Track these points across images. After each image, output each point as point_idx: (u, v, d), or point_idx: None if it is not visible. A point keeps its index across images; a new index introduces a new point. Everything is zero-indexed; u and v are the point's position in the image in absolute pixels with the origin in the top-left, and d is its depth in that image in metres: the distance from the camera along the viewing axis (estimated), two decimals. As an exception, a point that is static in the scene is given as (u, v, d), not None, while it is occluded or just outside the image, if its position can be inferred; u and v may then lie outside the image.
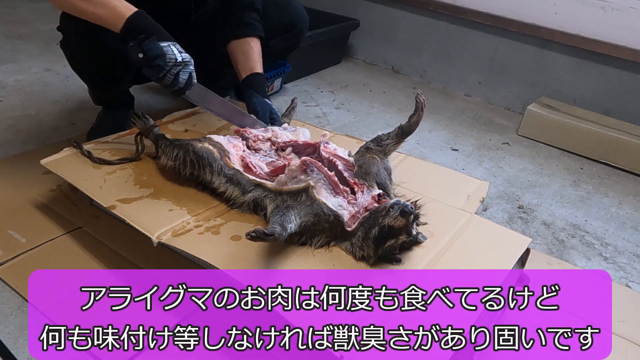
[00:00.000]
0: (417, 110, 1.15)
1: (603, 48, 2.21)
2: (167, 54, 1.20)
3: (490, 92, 2.62)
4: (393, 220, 0.97)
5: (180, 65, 1.22)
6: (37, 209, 1.33)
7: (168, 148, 1.22)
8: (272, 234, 0.90)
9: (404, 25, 2.78)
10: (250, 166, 1.19)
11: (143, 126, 1.32)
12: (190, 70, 1.25)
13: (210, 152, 1.18)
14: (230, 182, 1.16)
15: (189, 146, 1.19)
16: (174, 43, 1.23)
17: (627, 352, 1.10)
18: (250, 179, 1.15)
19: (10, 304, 1.07)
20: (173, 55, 1.20)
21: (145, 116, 1.34)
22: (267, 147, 1.30)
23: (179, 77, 1.23)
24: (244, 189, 1.14)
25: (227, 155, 1.20)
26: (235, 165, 1.18)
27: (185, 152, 1.19)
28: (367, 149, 1.18)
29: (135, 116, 1.33)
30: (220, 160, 1.18)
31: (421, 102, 1.15)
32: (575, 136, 2.13)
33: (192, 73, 1.26)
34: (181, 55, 1.22)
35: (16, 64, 2.29)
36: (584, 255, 1.49)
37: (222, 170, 1.16)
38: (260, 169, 1.20)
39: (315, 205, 1.03)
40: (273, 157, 1.28)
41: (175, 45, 1.22)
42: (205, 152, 1.18)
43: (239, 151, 1.24)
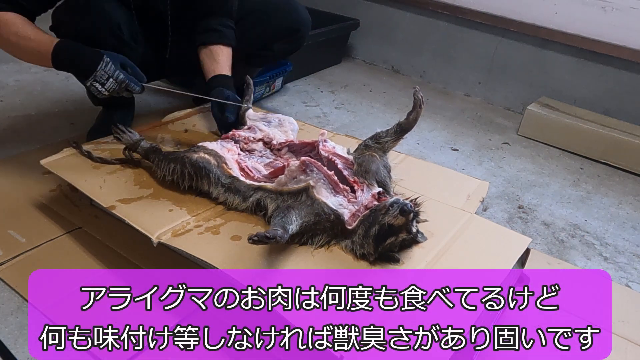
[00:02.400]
0: (415, 107, 1.15)
1: (603, 48, 2.21)
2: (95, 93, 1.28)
3: (490, 92, 2.62)
4: (393, 219, 0.97)
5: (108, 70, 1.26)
6: (37, 209, 1.33)
7: (163, 163, 1.19)
8: (274, 237, 0.90)
9: (404, 25, 2.78)
10: (247, 171, 1.19)
11: (129, 141, 1.27)
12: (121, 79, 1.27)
13: (207, 161, 1.16)
14: (229, 191, 1.14)
15: (185, 158, 1.16)
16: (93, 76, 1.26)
17: (627, 352, 1.10)
18: (249, 184, 1.14)
19: (10, 304, 1.07)
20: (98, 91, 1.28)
21: (130, 130, 1.29)
22: (261, 147, 1.29)
23: (117, 75, 1.26)
24: (244, 195, 1.13)
25: (224, 161, 1.18)
26: (233, 171, 1.17)
27: (182, 165, 1.16)
28: (366, 146, 1.18)
29: (119, 130, 1.29)
30: (216, 169, 1.16)
31: (419, 99, 1.15)
32: (575, 136, 2.13)
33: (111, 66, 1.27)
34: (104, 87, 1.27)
35: (16, 64, 2.29)
36: (584, 255, 1.49)
37: (219, 181, 1.15)
38: (257, 173, 1.19)
39: (315, 204, 1.03)
40: (269, 157, 1.27)
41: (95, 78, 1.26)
42: (202, 161, 1.15)
43: (234, 155, 1.23)
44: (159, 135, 1.44)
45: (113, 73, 1.26)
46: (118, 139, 1.29)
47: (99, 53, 1.27)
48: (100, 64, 1.25)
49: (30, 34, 1.28)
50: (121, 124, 1.30)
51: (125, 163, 1.29)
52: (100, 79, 1.26)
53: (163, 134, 1.45)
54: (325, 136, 1.23)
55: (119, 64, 1.28)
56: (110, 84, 1.26)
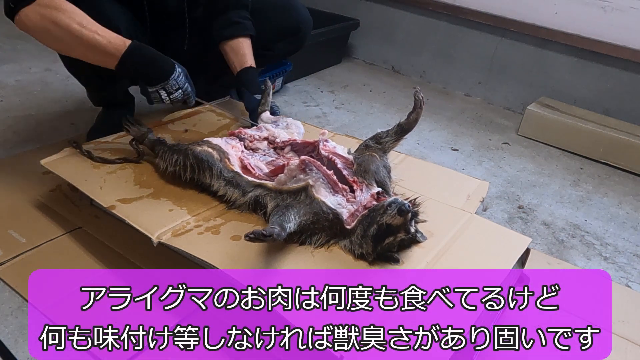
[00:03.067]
0: (416, 108, 1.15)
1: (603, 48, 2.22)
2: (154, 99, 1.30)
3: (490, 92, 2.62)
4: (391, 219, 0.97)
5: (179, 80, 1.29)
6: (37, 209, 1.33)
7: (167, 154, 1.21)
8: (271, 235, 0.90)
9: (404, 25, 2.78)
10: (249, 168, 1.19)
11: (137, 132, 1.30)
12: (181, 77, 1.30)
13: (210, 154, 1.18)
14: (230, 185, 1.15)
15: (188, 150, 1.19)
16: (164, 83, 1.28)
17: (627, 352, 1.10)
18: (250, 180, 1.15)
19: (10, 304, 1.07)
20: (159, 97, 1.30)
21: (139, 122, 1.33)
22: (265, 146, 1.30)
23: (186, 87, 1.30)
24: (243, 190, 1.14)
25: (227, 156, 1.19)
26: (235, 167, 1.18)
27: (185, 156, 1.18)
28: (367, 146, 1.18)
29: (129, 122, 1.32)
30: (219, 162, 1.17)
31: (420, 99, 1.15)
32: (575, 136, 2.13)
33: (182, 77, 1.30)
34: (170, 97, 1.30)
35: (16, 64, 2.29)
36: (584, 255, 1.49)
37: (221, 174, 1.16)
38: (259, 170, 1.20)
39: (314, 203, 1.03)
40: (272, 155, 1.28)
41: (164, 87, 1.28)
42: (204, 155, 1.17)
43: (237, 152, 1.24)
44: (159, 135, 1.44)
45: (183, 85, 1.30)
46: (127, 130, 1.32)
47: (171, 62, 1.28)
48: (173, 74, 1.27)
49: (97, 28, 1.21)
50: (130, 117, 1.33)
51: (125, 162, 1.29)
52: (170, 88, 1.28)
53: (163, 134, 1.45)
54: (326, 136, 1.23)
55: (185, 75, 1.32)
56: (177, 94, 1.30)
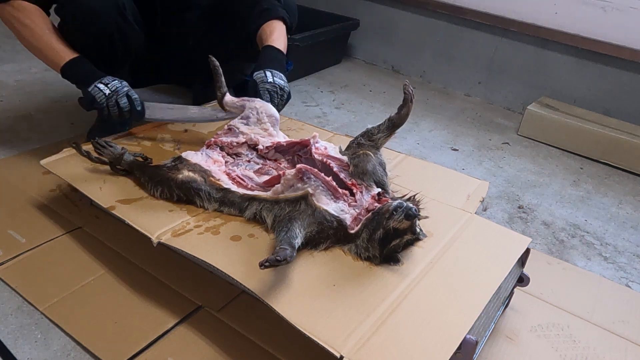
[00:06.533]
0: (407, 102, 1.14)
1: (603, 48, 2.22)
2: (95, 94, 1.28)
3: (490, 92, 2.62)
4: (398, 223, 0.95)
5: (114, 95, 1.29)
6: (37, 209, 1.33)
7: (150, 184, 1.16)
8: (285, 259, 0.86)
9: (404, 25, 2.79)
10: (238, 180, 1.16)
11: (111, 155, 1.23)
12: (124, 92, 1.31)
13: (193, 179, 1.13)
14: (224, 205, 1.12)
15: (171, 181, 1.13)
16: (100, 79, 1.30)
17: (627, 352, 1.10)
18: (242, 193, 1.11)
19: (10, 304, 1.07)
20: (100, 92, 1.29)
21: (110, 144, 1.26)
22: (246, 150, 1.26)
23: (119, 104, 1.30)
24: (240, 207, 1.11)
25: (210, 175, 1.15)
26: (223, 183, 1.14)
27: (169, 188, 1.14)
28: (359, 144, 1.16)
29: (99, 145, 1.25)
30: (204, 185, 1.13)
31: (409, 93, 1.14)
32: (575, 136, 2.13)
33: (129, 93, 1.31)
34: (108, 87, 1.29)
35: (16, 64, 2.29)
36: (584, 255, 1.49)
37: (210, 196, 1.13)
38: (250, 181, 1.16)
39: (317, 213, 1.01)
40: (258, 161, 1.24)
41: (101, 81, 1.29)
42: (188, 181, 1.13)
43: (221, 166, 1.19)
44: (158, 135, 1.44)
45: (118, 85, 1.31)
46: (100, 154, 1.25)
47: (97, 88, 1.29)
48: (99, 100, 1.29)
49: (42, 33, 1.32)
50: (100, 139, 1.28)
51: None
52: (106, 80, 1.31)
53: (163, 133, 1.45)
54: (317, 138, 1.21)
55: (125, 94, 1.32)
56: (115, 83, 1.31)
